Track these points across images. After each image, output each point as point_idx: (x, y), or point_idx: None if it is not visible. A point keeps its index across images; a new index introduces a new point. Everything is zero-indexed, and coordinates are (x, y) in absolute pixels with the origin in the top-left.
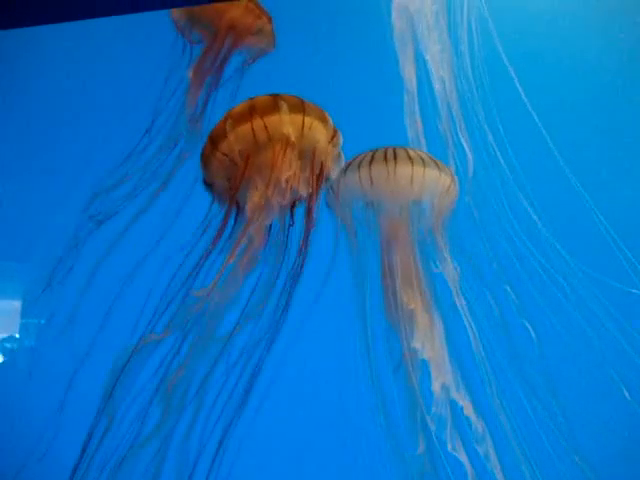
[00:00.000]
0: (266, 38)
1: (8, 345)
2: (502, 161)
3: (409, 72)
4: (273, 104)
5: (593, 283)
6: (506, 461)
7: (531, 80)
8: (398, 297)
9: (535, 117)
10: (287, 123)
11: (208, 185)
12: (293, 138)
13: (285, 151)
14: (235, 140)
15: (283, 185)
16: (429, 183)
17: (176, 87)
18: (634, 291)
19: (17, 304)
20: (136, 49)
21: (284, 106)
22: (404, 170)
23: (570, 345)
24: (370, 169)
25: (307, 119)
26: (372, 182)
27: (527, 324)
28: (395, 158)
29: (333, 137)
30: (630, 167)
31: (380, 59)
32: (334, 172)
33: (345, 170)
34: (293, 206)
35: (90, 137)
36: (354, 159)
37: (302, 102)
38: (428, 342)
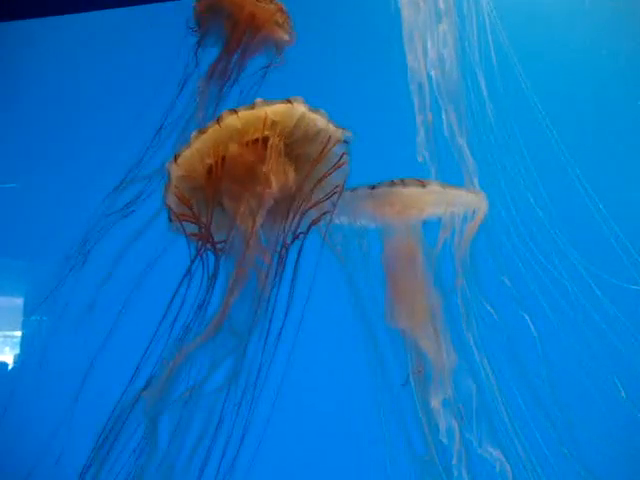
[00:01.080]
0: (282, 30)
1: (9, 342)
2: (505, 156)
3: (417, 64)
4: (249, 105)
5: (603, 284)
6: (510, 464)
7: (537, 77)
8: (402, 314)
9: (541, 114)
10: (267, 111)
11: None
12: (273, 117)
13: (267, 143)
14: (199, 148)
15: (269, 188)
16: (452, 197)
17: (190, 84)
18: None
19: (20, 301)
20: (151, 43)
21: (258, 100)
22: (413, 181)
23: (575, 347)
24: (371, 187)
25: (296, 104)
26: (372, 191)
27: (533, 330)
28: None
29: (340, 130)
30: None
31: (386, 56)
32: (339, 177)
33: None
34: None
35: (100, 136)
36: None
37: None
38: (432, 358)
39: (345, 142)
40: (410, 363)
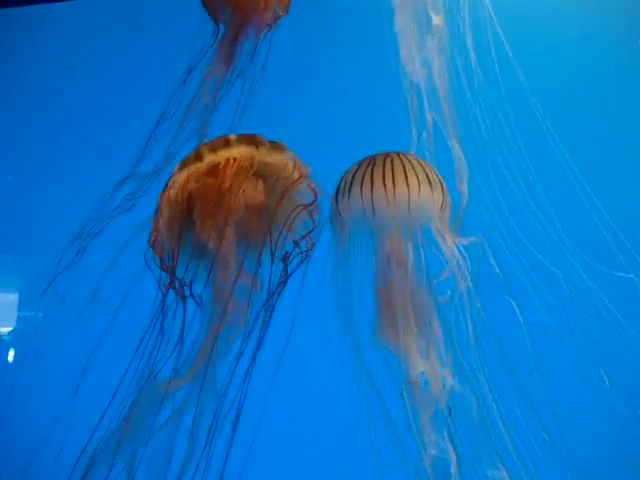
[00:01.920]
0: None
1: (3, 339)
2: (497, 149)
3: (411, 62)
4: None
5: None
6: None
7: (533, 70)
8: (395, 321)
9: (537, 107)
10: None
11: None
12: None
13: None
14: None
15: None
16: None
17: (197, 72)
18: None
19: (14, 297)
20: (154, 30)
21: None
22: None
23: (566, 343)
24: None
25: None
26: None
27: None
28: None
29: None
30: (632, 159)
31: (380, 53)
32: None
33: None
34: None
35: (99, 129)
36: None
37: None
38: (424, 368)
39: (309, 177)
40: (405, 375)
